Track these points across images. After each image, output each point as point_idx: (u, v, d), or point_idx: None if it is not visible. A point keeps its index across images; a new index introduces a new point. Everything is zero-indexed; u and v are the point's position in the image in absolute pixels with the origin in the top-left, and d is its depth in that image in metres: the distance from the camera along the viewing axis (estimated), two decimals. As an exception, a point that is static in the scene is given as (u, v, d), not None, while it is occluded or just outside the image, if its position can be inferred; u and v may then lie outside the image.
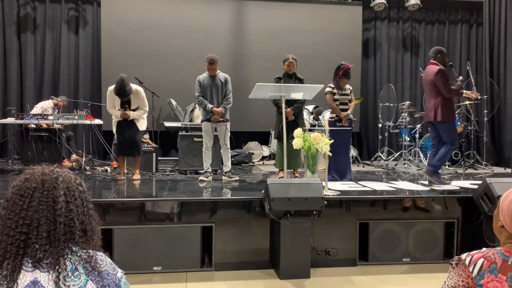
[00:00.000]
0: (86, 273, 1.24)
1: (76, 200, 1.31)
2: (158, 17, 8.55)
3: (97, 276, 1.25)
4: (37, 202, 1.25)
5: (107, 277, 1.26)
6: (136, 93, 5.30)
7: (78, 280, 1.22)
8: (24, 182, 1.29)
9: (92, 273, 1.25)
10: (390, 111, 8.88)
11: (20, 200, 1.25)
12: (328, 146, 4.30)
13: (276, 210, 3.74)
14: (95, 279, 1.24)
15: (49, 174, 1.30)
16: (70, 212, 1.28)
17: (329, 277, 3.90)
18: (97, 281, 1.24)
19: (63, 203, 1.27)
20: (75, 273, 1.22)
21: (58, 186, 1.28)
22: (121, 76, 5.18)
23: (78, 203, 1.31)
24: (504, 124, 8.70)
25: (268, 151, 8.36)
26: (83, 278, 1.23)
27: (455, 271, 1.46)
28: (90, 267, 1.25)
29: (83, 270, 1.24)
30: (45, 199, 1.25)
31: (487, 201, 4.04)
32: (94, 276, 1.24)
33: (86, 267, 1.25)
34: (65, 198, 1.28)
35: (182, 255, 3.95)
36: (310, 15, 9.02)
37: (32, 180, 1.28)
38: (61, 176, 1.31)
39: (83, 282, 1.22)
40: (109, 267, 1.29)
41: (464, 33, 9.71)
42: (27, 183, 1.28)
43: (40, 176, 1.29)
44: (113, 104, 5.29)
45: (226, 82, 5.54)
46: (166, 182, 5.40)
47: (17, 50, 8.37)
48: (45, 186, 1.27)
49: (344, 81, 5.63)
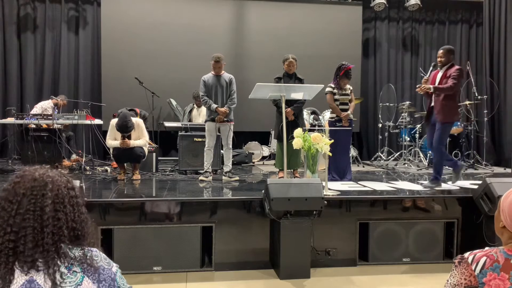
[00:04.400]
0: (82, 270, 1.24)
1: (66, 207, 1.29)
2: (158, 17, 8.55)
3: (93, 272, 1.25)
4: (24, 210, 1.23)
5: (102, 272, 1.27)
6: (136, 127, 5.36)
7: (74, 277, 1.22)
8: (14, 187, 1.27)
9: (88, 269, 1.25)
10: (390, 111, 8.89)
11: (8, 207, 1.24)
12: (328, 146, 4.30)
13: (276, 210, 3.74)
14: (91, 275, 1.25)
15: (39, 180, 1.28)
16: (59, 221, 1.26)
17: (329, 277, 3.90)
18: (93, 277, 1.25)
19: (50, 213, 1.25)
20: (71, 270, 1.23)
21: (47, 194, 1.26)
22: (123, 112, 5.29)
23: (67, 210, 1.29)
24: (504, 124, 8.70)
25: (268, 151, 8.36)
26: (79, 275, 1.23)
27: (458, 269, 1.46)
28: (85, 264, 1.25)
29: (78, 267, 1.24)
30: (32, 208, 1.24)
31: (487, 201, 4.04)
32: (90, 273, 1.25)
33: (81, 264, 1.25)
34: (53, 206, 1.26)
35: (182, 255, 3.95)
36: (310, 15, 9.02)
37: (21, 185, 1.27)
38: (51, 182, 1.29)
39: (79, 279, 1.23)
40: (104, 263, 1.30)
41: (464, 33, 9.71)
42: (17, 187, 1.26)
43: (29, 182, 1.27)
44: (114, 137, 5.33)
45: (231, 82, 5.55)
46: (166, 182, 5.40)
47: (17, 50, 8.37)
48: (33, 193, 1.25)
49: (345, 81, 5.63)
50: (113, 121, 5.34)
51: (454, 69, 4.85)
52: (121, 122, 5.18)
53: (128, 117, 5.22)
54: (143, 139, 5.43)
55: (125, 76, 8.18)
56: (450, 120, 4.89)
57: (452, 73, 4.82)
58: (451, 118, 4.89)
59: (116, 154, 5.35)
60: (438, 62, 5.03)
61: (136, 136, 5.38)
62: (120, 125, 5.17)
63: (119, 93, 8.28)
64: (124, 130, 5.21)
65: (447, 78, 4.83)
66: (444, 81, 4.86)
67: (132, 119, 5.28)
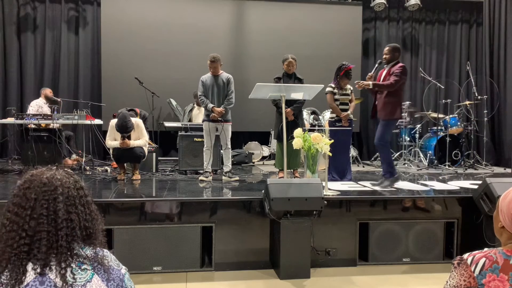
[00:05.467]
0: (92, 268, 1.28)
1: (77, 208, 1.32)
2: (158, 17, 8.55)
3: (102, 271, 1.28)
4: (38, 215, 1.26)
5: (112, 272, 1.30)
6: (136, 127, 5.36)
7: (84, 273, 1.26)
8: (24, 192, 1.29)
9: (98, 268, 1.28)
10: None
11: (22, 212, 1.27)
12: (328, 146, 4.30)
13: (276, 210, 3.74)
14: (101, 273, 1.28)
15: (48, 184, 1.30)
16: (72, 222, 1.29)
17: (329, 277, 3.90)
18: (102, 275, 1.28)
19: (63, 216, 1.28)
20: (82, 267, 1.26)
21: (58, 198, 1.29)
22: (123, 112, 5.28)
23: (79, 210, 1.32)
24: (504, 124, 8.70)
25: (268, 151, 8.36)
26: (89, 272, 1.26)
27: (457, 271, 1.46)
28: (96, 262, 1.29)
29: (89, 265, 1.28)
30: (46, 213, 1.27)
31: (487, 201, 4.04)
32: (100, 271, 1.28)
33: (92, 263, 1.28)
34: (66, 209, 1.29)
35: (182, 255, 3.95)
36: (310, 15, 9.02)
37: (32, 190, 1.29)
38: (61, 185, 1.31)
39: (89, 276, 1.26)
40: (113, 263, 1.34)
41: (464, 33, 9.71)
42: (27, 193, 1.29)
43: (39, 186, 1.29)
44: (114, 137, 5.33)
45: (229, 82, 5.55)
46: (166, 182, 5.40)
47: (17, 50, 8.37)
48: (45, 198, 1.28)
49: (345, 81, 5.63)
50: (113, 121, 5.35)
51: (397, 66, 4.89)
52: (121, 122, 5.18)
53: (127, 118, 5.23)
54: (143, 139, 5.43)
55: (125, 76, 8.18)
56: (391, 117, 4.92)
57: (395, 70, 4.85)
58: (393, 116, 4.92)
59: (116, 154, 5.35)
60: (384, 59, 5.06)
61: (136, 136, 5.38)
62: (119, 126, 5.18)
63: (119, 93, 8.28)
64: (124, 131, 5.21)
65: (391, 76, 4.86)
66: (388, 78, 4.89)
67: (131, 119, 5.28)
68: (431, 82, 8.13)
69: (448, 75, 9.61)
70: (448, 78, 9.53)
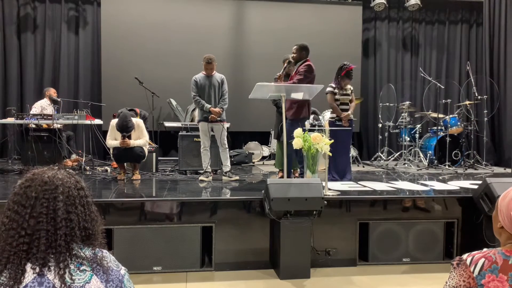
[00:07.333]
0: (91, 268, 1.27)
1: (77, 208, 1.32)
2: (158, 17, 8.55)
3: (102, 272, 1.28)
4: (38, 214, 1.26)
5: (111, 273, 1.30)
6: (136, 127, 5.37)
7: (83, 274, 1.25)
8: (25, 191, 1.29)
9: (97, 269, 1.28)
10: (390, 111, 8.88)
11: (22, 210, 1.27)
12: (328, 146, 4.30)
13: (276, 210, 3.74)
14: (100, 274, 1.27)
15: (49, 183, 1.30)
16: (71, 222, 1.29)
17: (329, 277, 3.90)
18: (101, 276, 1.27)
19: (63, 215, 1.28)
20: (81, 268, 1.26)
21: (58, 197, 1.29)
22: (124, 112, 5.30)
23: (79, 211, 1.32)
24: (504, 124, 8.70)
25: (268, 151, 8.36)
26: (88, 273, 1.26)
27: (456, 271, 1.46)
28: (95, 263, 1.28)
29: (88, 266, 1.27)
30: (45, 211, 1.27)
31: (487, 201, 4.04)
32: (99, 272, 1.27)
33: (91, 263, 1.28)
34: (65, 208, 1.29)
35: (182, 255, 3.95)
36: (310, 15, 9.02)
37: (33, 189, 1.29)
38: (61, 185, 1.32)
39: (88, 277, 1.25)
40: (113, 264, 1.33)
41: (464, 33, 9.71)
42: (28, 191, 1.29)
43: (40, 185, 1.30)
44: (114, 137, 5.34)
45: (223, 82, 5.57)
46: (166, 182, 5.40)
47: (17, 50, 8.37)
48: (45, 197, 1.28)
49: (346, 82, 5.63)
50: (113, 121, 5.35)
51: (302, 65, 4.90)
52: (121, 122, 5.18)
53: (128, 117, 5.23)
54: (143, 139, 5.44)
55: (125, 76, 8.18)
56: (296, 117, 5.00)
57: (300, 69, 4.88)
58: (298, 116, 4.99)
59: (116, 154, 5.36)
60: (292, 58, 5.09)
61: (136, 136, 5.39)
62: (120, 125, 5.18)
63: (119, 93, 8.28)
64: (124, 130, 5.22)
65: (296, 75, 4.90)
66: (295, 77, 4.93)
67: (132, 119, 5.28)
68: (431, 82, 8.13)
69: (448, 75, 9.61)
70: (448, 78, 9.53)
